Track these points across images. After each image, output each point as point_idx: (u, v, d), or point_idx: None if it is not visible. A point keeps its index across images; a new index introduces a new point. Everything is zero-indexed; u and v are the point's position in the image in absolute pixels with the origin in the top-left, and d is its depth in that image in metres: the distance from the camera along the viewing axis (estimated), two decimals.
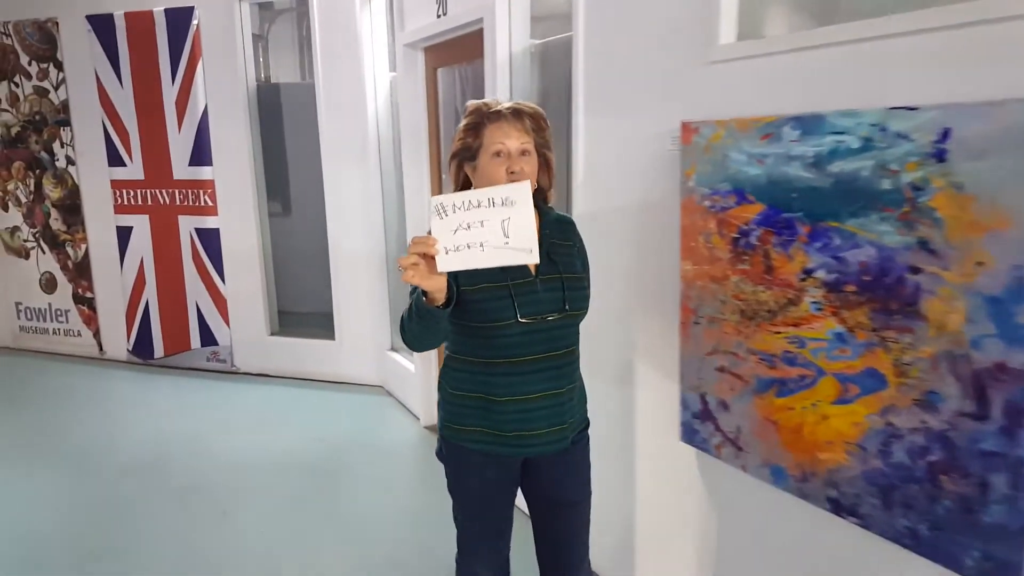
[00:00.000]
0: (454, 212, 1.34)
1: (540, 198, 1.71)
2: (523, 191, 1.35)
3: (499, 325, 1.58)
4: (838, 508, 1.59)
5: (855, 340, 1.52)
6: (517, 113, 1.61)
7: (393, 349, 4.45)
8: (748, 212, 1.72)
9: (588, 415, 1.85)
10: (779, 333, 1.68)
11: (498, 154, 1.58)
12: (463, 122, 1.66)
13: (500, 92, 2.81)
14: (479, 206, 1.34)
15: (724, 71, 1.79)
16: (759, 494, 1.81)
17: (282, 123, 5.32)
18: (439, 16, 3.23)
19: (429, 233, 1.40)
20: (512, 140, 1.58)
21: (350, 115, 4.30)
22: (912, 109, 1.34)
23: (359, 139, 4.30)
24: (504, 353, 1.61)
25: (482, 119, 1.61)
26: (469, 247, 1.33)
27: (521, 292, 1.59)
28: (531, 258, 1.35)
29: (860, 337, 1.51)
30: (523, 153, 1.60)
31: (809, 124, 1.55)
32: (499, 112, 1.60)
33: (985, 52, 1.24)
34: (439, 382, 1.80)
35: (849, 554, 1.60)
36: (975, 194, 1.26)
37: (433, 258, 1.36)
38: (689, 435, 1.99)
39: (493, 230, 1.33)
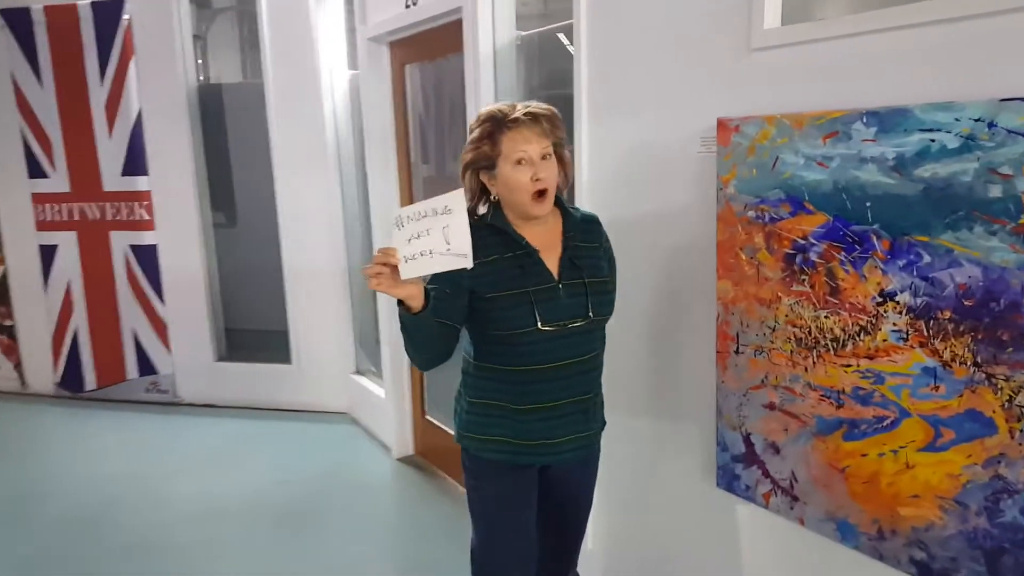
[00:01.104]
0: (408, 223, 1.40)
1: (558, 194, 1.62)
2: (457, 199, 1.38)
3: (520, 333, 1.53)
4: (926, 573, 1.35)
5: (951, 376, 1.27)
6: (534, 118, 1.53)
7: (359, 372, 4.09)
8: (807, 224, 1.47)
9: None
10: (849, 367, 1.43)
11: (520, 162, 1.52)
12: (476, 131, 1.57)
13: (483, 90, 2.52)
14: (425, 216, 1.39)
15: (770, 60, 1.54)
16: (821, 552, 1.55)
17: (225, 127, 4.89)
18: (408, 6, 2.91)
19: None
20: (533, 146, 1.52)
21: (304, 117, 3.94)
22: None
23: (315, 143, 3.94)
24: (527, 361, 1.56)
25: (498, 127, 1.54)
26: (422, 255, 1.39)
27: (542, 299, 1.53)
28: (466, 262, 1.38)
29: (959, 373, 1.26)
30: (544, 157, 1.53)
31: (889, 120, 1.30)
32: (517, 119, 1.52)
33: None
34: (458, 391, 1.73)
35: None
36: None
37: (395, 267, 1.40)
38: (728, 480, 1.73)
39: (437, 238, 1.38)
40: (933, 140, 1.24)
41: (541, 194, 1.51)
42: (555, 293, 1.54)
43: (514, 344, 1.53)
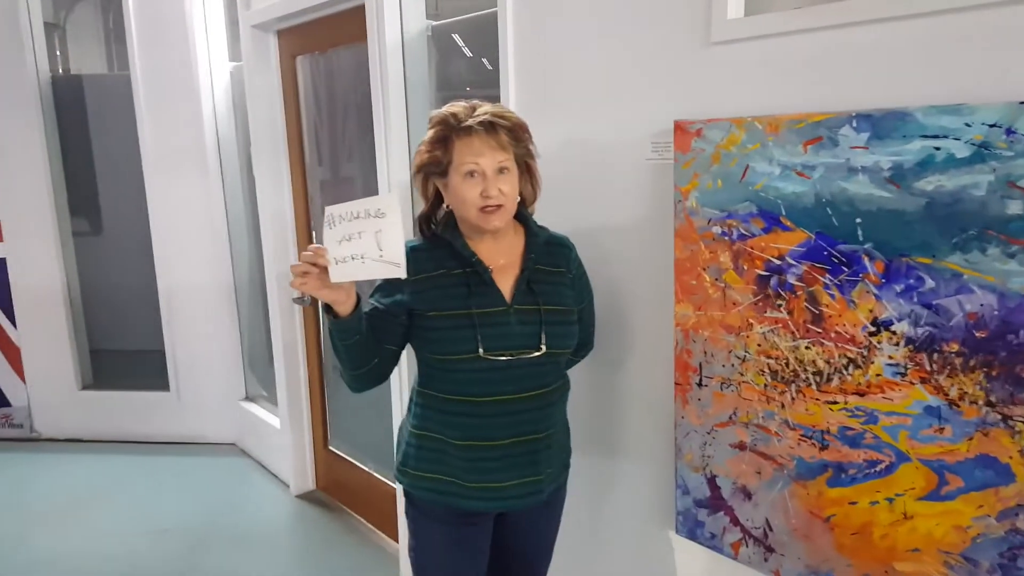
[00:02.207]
0: (340, 223, 1.28)
1: (524, 210, 1.48)
2: (392, 203, 1.27)
3: (459, 359, 1.37)
4: None
5: (959, 417, 1.12)
6: (490, 127, 1.35)
7: (249, 399, 3.68)
8: (784, 242, 1.29)
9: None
10: (835, 404, 1.26)
11: (471, 174, 1.36)
12: (429, 133, 1.41)
13: (391, 85, 2.23)
14: (358, 217, 1.27)
15: (734, 54, 1.35)
16: None
17: (87, 123, 4.31)
18: None
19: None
20: (486, 159, 1.35)
21: (179, 113, 3.49)
22: None
23: (192, 142, 3.49)
24: (467, 391, 1.40)
25: (450, 132, 1.37)
26: (353, 259, 1.27)
27: (488, 323, 1.37)
28: (399, 272, 1.27)
29: (968, 414, 1.11)
30: (500, 171, 1.37)
31: (885, 124, 1.13)
32: (470, 128, 1.35)
33: None
34: (402, 423, 1.57)
35: None
36: None
37: (324, 269, 1.28)
38: (690, 527, 1.53)
39: (370, 242, 1.27)
40: (938, 148, 1.08)
41: (493, 208, 1.36)
42: (504, 318, 1.38)
43: (453, 371, 1.39)
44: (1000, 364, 1.07)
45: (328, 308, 1.32)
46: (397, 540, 2.60)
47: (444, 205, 1.45)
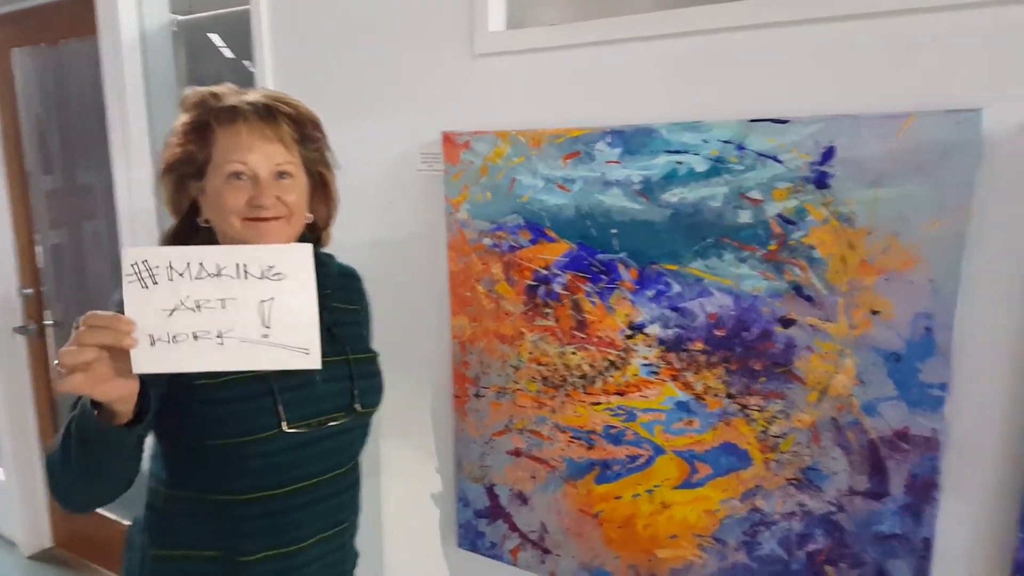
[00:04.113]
0: (171, 279, 0.84)
1: (314, 239, 1.16)
2: (299, 258, 0.86)
3: (254, 440, 1.02)
4: None
5: (705, 410, 1.22)
6: (269, 113, 1.04)
7: None
8: (549, 252, 1.33)
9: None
10: (599, 404, 1.32)
11: (237, 176, 1.02)
12: (181, 119, 1.07)
13: (128, 84, 2.00)
14: (219, 274, 0.84)
15: (498, 67, 1.37)
16: None
17: None
18: None
19: (119, 308, 0.84)
20: (258, 156, 1.02)
21: None
22: (781, 122, 1.08)
23: None
24: (261, 483, 1.05)
25: (209, 118, 1.04)
26: (196, 338, 0.84)
27: (290, 386, 1.05)
28: (308, 362, 0.86)
29: (712, 406, 1.21)
30: (280, 176, 1.04)
31: (634, 140, 1.21)
32: (236, 110, 1.03)
33: (882, 51, 1.02)
34: (129, 537, 1.17)
35: None
36: (869, 228, 1.04)
37: (125, 351, 0.81)
38: (471, 539, 1.53)
39: (243, 315, 0.85)
40: (680, 162, 1.18)
41: (267, 218, 1.03)
42: (308, 376, 1.06)
43: (243, 459, 1.02)
44: (737, 359, 1.18)
45: (97, 407, 0.84)
46: None
47: (202, 220, 1.09)
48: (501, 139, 1.34)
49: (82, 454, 0.86)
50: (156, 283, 0.84)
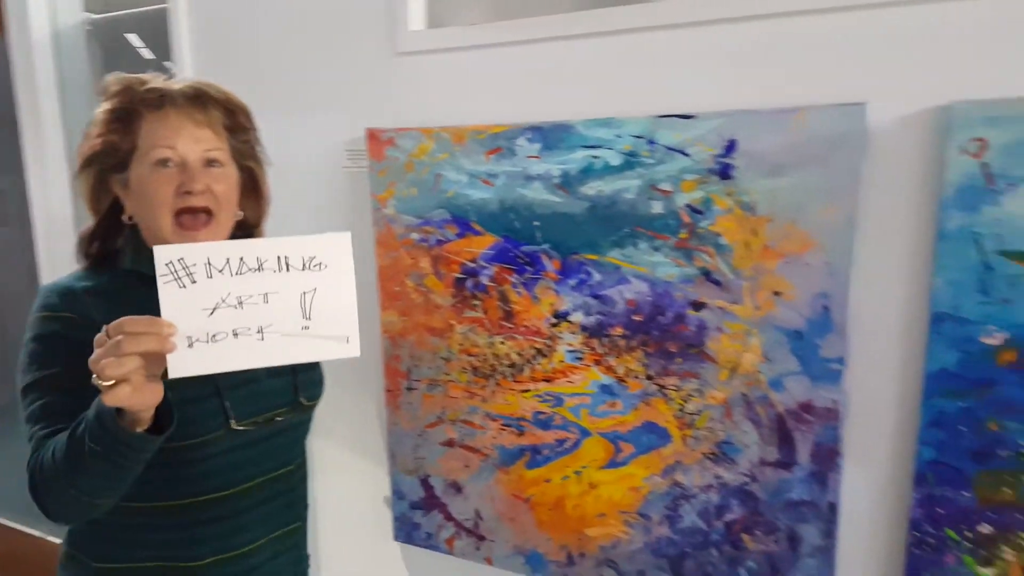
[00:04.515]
0: (211, 276, 0.81)
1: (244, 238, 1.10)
2: (340, 247, 0.86)
3: (200, 442, 1.01)
4: None
5: (627, 391, 1.28)
6: (199, 98, 1.02)
7: None
8: (476, 246, 1.36)
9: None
10: (527, 392, 1.36)
11: (164, 163, 0.99)
12: (102, 107, 1.02)
13: (40, 85, 1.94)
14: (261, 268, 0.83)
15: (419, 65, 1.40)
16: None
17: None
18: None
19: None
20: (186, 141, 0.99)
21: None
22: (687, 117, 1.15)
23: None
24: (207, 486, 1.03)
25: (135, 104, 1.00)
26: (236, 335, 0.82)
27: (233, 384, 1.03)
28: (348, 350, 0.87)
29: (633, 388, 1.27)
30: (209, 164, 1.02)
31: (552, 136, 1.26)
32: (164, 94, 1.00)
33: (776, 50, 1.10)
34: (64, 556, 1.10)
35: None
36: (770, 215, 1.11)
37: (161, 356, 0.79)
38: (407, 532, 1.55)
39: (285, 309, 0.84)
40: (596, 157, 1.23)
41: (192, 213, 0.99)
42: (252, 374, 1.03)
43: (191, 463, 1.00)
44: (654, 342, 1.24)
45: (118, 414, 0.81)
46: None
47: (126, 217, 1.05)
48: (425, 135, 1.37)
49: (98, 465, 0.83)
50: (195, 282, 0.81)
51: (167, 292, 0.80)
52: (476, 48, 1.33)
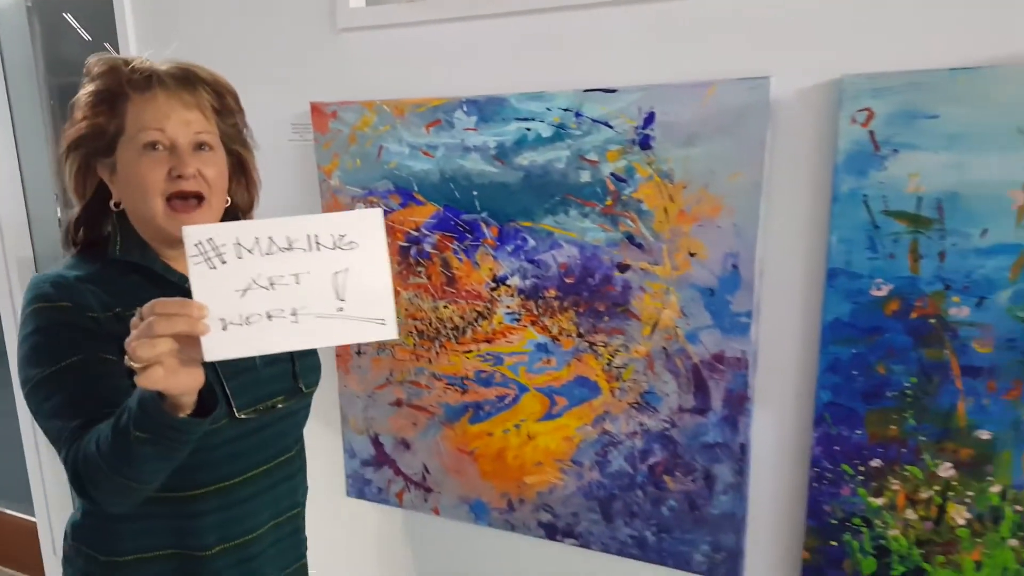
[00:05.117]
0: (240, 257, 0.78)
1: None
2: (372, 224, 0.82)
3: (205, 431, 0.94)
4: (553, 532, 1.45)
5: (560, 349, 1.38)
6: (187, 79, 1.00)
7: None
8: (418, 215, 1.44)
9: None
10: (470, 352, 1.45)
11: (153, 146, 0.97)
12: (86, 89, 1.00)
13: None
14: (291, 247, 0.79)
15: (360, 42, 1.46)
16: (457, 536, 1.58)
17: None
18: None
19: (186, 291, 0.78)
20: (176, 123, 0.97)
21: None
22: (610, 91, 1.23)
23: None
24: (212, 475, 1.02)
25: (121, 86, 0.98)
26: (270, 318, 0.78)
27: (233, 373, 1.02)
28: (384, 332, 0.82)
29: (566, 345, 1.37)
30: (199, 147, 1.00)
31: (488, 109, 1.33)
32: (152, 75, 0.98)
33: (690, 29, 1.19)
34: (71, 548, 1.09)
35: None
36: (685, 182, 1.21)
37: (196, 339, 0.76)
38: (359, 488, 1.64)
39: (317, 289, 0.80)
40: (529, 129, 1.31)
41: (183, 198, 0.98)
42: (250, 363, 1.03)
43: (191, 454, 0.91)
44: (584, 302, 1.34)
45: (158, 398, 0.78)
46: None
47: (113, 203, 1.02)
48: (367, 109, 1.43)
49: (146, 451, 0.81)
50: (224, 262, 0.78)
51: (197, 273, 0.77)
52: (414, 25, 1.40)
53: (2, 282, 2.20)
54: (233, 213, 1.11)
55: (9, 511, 2.51)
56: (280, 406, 1.09)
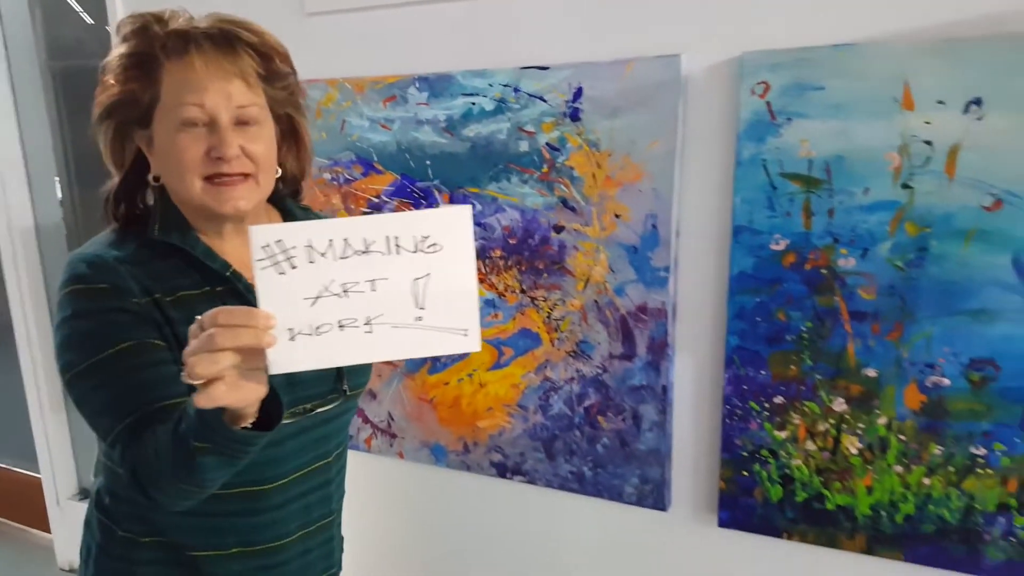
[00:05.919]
0: (312, 261, 0.70)
1: (288, 195, 1.06)
2: (459, 224, 0.73)
3: None
4: (503, 471, 1.60)
5: (506, 304, 1.52)
6: (227, 42, 0.88)
7: None
8: (378, 183, 1.58)
9: None
10: None
11: (192, 123, 0.87)
12: (117, 50, 0.90)
13: None
14: (367, 250, 0.71)
15: (326, 24, 1.59)
16: (419, 478, 1.73)
17: None
18: None
19: (252, 299, 0.72)
20: (216, 96, 0.86)
21: None
22: (544, 68, 1.37)
23: None
24: (238, 480, 0.88)
25: (153, 49, 0.87)
26: (341, 328, 0.71)
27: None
28: (467, 344, 0.75)
29: (511, 301, 1.51)
30: (242, 123, 0.89)
31: (438, 85, 1.47)
32: (187, 37, 0.87)
33: (612, 11, 1.32)
34: (93, 515, 1.05)
35: (519, 511, 1.63)
36: (610, 151, 1.35)
37: (261, 351, 0.69)
38: None
39: (395, 297, 0.73)
40: (474, 103, 1.45)
41: (232, 177, 0.89)
42: None
43: None
44: (526, 261, 1.48)
45: (220, 412, 0.72)
46: (48, 531, 2.51)
47: (152, 177, 0.93)
48: (331, 86, 1.57)
49: (208, 461, 0.75)
50: (295, 267, 0.70)
51: (264, 279, 0.69)
52: (373, 9, 1.53)
53: (8, 263, 2.32)
54: (284, 181, 1.02)
55: (15, 468, 2.67)
56: (320, 410, 0.97)
